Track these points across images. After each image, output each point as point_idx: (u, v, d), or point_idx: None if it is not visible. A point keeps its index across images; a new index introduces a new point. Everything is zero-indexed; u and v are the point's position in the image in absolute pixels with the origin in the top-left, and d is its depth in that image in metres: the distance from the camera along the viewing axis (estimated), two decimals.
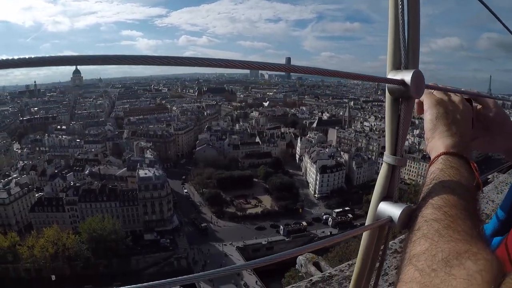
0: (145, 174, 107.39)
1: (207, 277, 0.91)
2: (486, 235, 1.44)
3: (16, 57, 0.74)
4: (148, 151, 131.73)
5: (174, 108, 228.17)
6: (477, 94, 1.90)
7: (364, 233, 1.80)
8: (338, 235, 1.65)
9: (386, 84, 1.62)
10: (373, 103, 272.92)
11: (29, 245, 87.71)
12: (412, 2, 1.50)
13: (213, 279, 77.87)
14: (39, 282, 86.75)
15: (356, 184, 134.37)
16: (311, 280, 4.29)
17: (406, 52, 1.55)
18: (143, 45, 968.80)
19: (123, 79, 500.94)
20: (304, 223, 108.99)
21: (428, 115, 1.76)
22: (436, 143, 1.68)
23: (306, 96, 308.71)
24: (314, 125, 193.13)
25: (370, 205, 1.76)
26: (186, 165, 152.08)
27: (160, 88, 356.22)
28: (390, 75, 1.57)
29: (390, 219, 1.61)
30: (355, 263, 4.53)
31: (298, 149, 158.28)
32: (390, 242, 4.72)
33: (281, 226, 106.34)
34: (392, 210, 1.61)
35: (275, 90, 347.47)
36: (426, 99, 1.81)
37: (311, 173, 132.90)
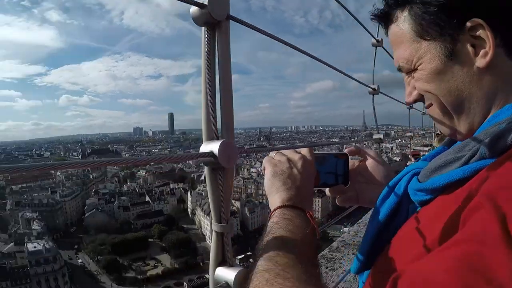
0: (34, 247, 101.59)
1: None
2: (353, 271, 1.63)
3: None
4: (35, 222, 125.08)
5: (58, 173, 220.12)
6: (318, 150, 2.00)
7: None
8: None
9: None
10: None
11: None
12: (225, 73, 1.47)
13: None
14: None
15: (252, 229, 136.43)
16: None
17: (214, 123, 1.52)
18: (22, 106, 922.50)
19: (1, 144, 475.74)
20: (207, 276, 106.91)
21: (266, 175, 1.80)
22: (273, 198, 1.72)
23: (191, 150, 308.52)
24: (203, 177, 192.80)
25: (209, 272, 1.71)
26: (77, 233, 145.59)
27: (42, 153, 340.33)
28: (202, 147, 1.52)
29: (226, 285, 1.57)
30: None
31: (189, 203, 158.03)
32: None
33: (185, 284, 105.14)
34: (227, 275, 1.58)
35: (160, 146, 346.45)
36: (265, 162, 1.86)
37: (206, 226, 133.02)
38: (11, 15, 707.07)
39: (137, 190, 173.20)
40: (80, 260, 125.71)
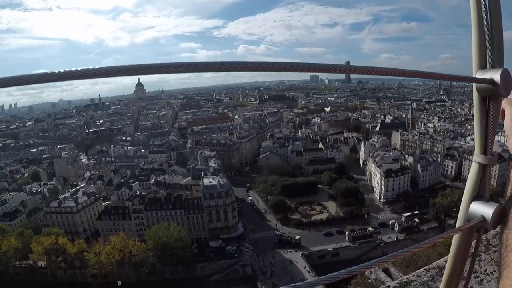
0: (210, 182, 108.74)
1: None
2: None
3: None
4: (212, 160, 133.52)
5: (236, 117, 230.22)
6: None
7: (455, 235, 1.84)
8: (427, 240, 1.64)
9: (474, 84, 1.66)
10: (436, 104, 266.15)
11: (96, 252, 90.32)
12: (494, 1, 1.52)
13: None
14: (105, 287, 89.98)
15: (422, 188, 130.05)
16: (388, 286, 4.09)
17: (492, 51, 1.59)
18: (203, 56, 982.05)
19: (184, 90, 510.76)
20: (370, 229, 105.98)
21: (507, 115, 1.72)
22: None
23: (367, 100, 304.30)
24: (377, 128, 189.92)
25: (461, 205, 1.78)
26: (250, 173, 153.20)
27: (221, 98, 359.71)
28: (478, 74, 1.60)
29: (482, 219, 1.64)
30: (432, 268, 4.25)
31: (361, 153, 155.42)
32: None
33: (346, 232, 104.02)
34: (485, 210, 1.64)
35: (336, 95, 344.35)
36: (505, 103, 1.77)
37: (376, 178, 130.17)
38: None
39: (311, 136, 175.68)
40: (250, 198, 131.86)
